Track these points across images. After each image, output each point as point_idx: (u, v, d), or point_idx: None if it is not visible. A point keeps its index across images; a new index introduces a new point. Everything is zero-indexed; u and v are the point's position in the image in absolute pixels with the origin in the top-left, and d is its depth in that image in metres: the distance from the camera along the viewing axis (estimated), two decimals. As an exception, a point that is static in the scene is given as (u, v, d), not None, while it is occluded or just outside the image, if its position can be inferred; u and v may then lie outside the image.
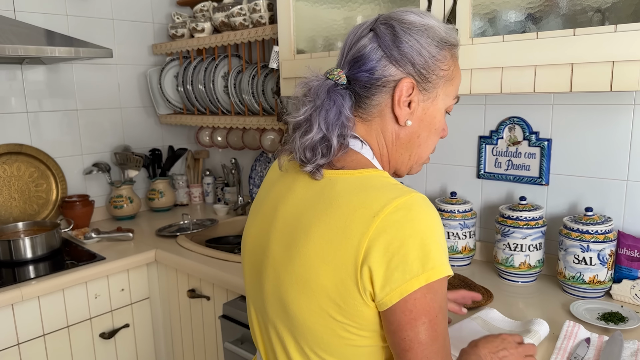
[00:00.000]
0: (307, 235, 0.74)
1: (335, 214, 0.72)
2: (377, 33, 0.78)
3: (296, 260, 0.75)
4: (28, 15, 2.00)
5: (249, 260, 0.88)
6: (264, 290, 0.82)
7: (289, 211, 0.80)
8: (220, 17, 2.02)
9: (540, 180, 1.49)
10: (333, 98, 0.77)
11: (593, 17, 1.09)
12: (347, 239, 0.70)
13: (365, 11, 1.50)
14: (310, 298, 0.73)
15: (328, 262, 0.71)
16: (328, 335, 0.74)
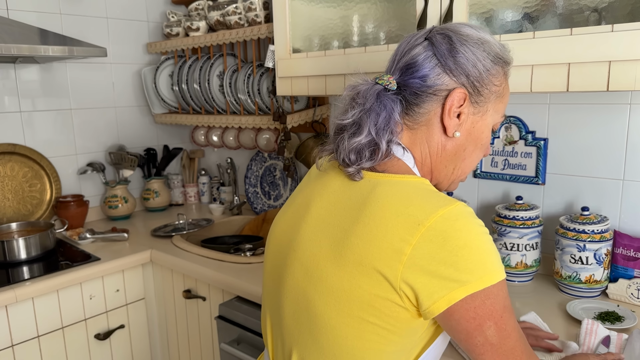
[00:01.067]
0: (344, 233, 0.73)
1: (376, 216, 0.71)
2: (432, 42, 0.79)
3: (330, 258, 0.73)
4: (21, 13, 1.98)
5: (272, 255, 0.86)
6: (284, 286, 0.80)
7: (325, 208, 0.78)
8: (216, 16, 2.01)
9: (537, 180, 1.49)
10: (384, 103, 0.77)
11: (590, 16, 1.09)
12: (388, 243, 0.69)
13: (362, 10, 1.49)
14: (340, 297, 0.71)
15: (365, 264, 0.70)
16: (353, 337, 0.72)
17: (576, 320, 1.19)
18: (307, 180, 0.89)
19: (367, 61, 1.41)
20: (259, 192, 2.28)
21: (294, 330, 0.79)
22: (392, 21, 1.45)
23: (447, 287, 0.67)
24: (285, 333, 0.81)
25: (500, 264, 0.70)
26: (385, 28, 1.48)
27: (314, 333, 0.76)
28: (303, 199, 0.84)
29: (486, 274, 0.67)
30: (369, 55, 1.41)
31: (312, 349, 0.77)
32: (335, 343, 0.74)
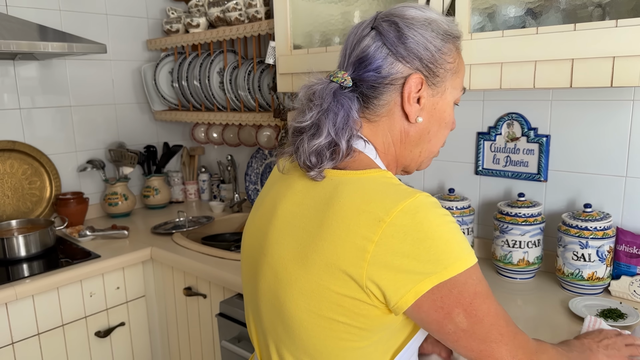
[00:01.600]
0: (310, 235, 0.73)
1: (338, 216, 0.70)
2: (379, 31, 0.77)
3: (297, 261, 0.73)
4: (20, 10, 1.97)
5: (246, 258, 0.87)
6: (259, 289, 0.80)
7: (289, 210, 0.78)
8: (216, 12, 2.00)
9: (539, 177, 1.48)
10: (341, 101, 0.75)
11: (593, 12, 1.08)
12: (351, 243, 0.68)
13: (363, 6, 1.48)
14: (310, 299, 0.71)
15: (331, 265, 0.69)
16: (325, 336, 0.72)
17: (579, 318, 1.19)
18: (271, 182, 0.88)
19: (368, 57, 1.41)
20: (259, 189, 2.28)
21: (272, 331, 0.80)
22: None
23: (412, 281, 0.66)
24: (267, 333, 0.82)
25: (468, 250, 0.69)
26: (386, 24, 1.47)
27: (289, 333, 0.76)
28: (269, 201, 0.83)
29: (451, 264, 0.66)
30: (371, 52, 1.40)
31: (291, 347, 0.77)
32: (309, 343, 0.74)
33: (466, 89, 0.89)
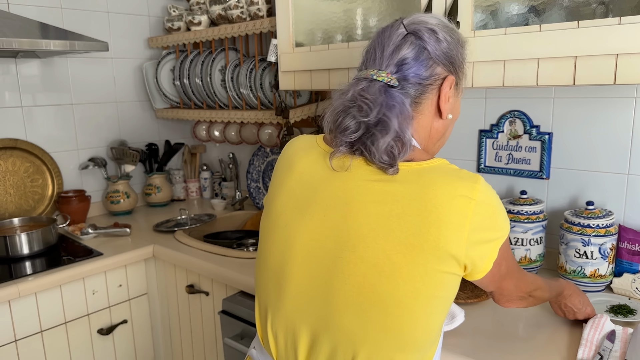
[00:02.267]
0: (411, 226, 0.76)
1: (435, 203, 0.76)
2: (419, 36, 0.84)
3: (401, 250, 0.76)
4: (22, 8, 1.97)
5: (310, 259, 0.83)
6: (340, 285, 0.79)
7: (375, 208, 0.78)
8: (217, 10, 1.99)
9: (541, 174, 1.48)
10: (395, 98, 0.81)
11: (597, 9, 1.08)
12: (453, 226, 0.75)
13: (366, 3, 1.48)
14: (415, 282, 0.76)
15: (439, 248, 0.75)
16: (421, 313, 0.78)
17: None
18: (317, 180, 0.85)
19: (371, 55, 1.40)
20: (261, 187, 2.28)
21: (355, 328, 0.79)
22: (396, 14, 1.44)
23: (492, 248, 0.80)
24: (339, 332, 0.80)
25: (506, 217, 0.84)
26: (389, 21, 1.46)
27: (385, 320, 0.77)
28: (334, 201, 0.82)
29: (506, 227, 0.82)
30: (373, 49, 1.40)
31: (383, 341, 0.78)
32: (408, 323, 0.78)
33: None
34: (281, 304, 0.86)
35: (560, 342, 1.08)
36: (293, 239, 0.84)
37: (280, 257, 0.86)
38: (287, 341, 0.86)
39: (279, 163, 0.95)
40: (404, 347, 0.79)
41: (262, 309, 0.91)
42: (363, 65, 0.89)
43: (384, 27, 0.89)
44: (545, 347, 1.06)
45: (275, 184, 0.92)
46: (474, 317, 1.21)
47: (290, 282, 0.84)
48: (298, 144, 0.94)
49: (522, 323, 1.18)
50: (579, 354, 1.02)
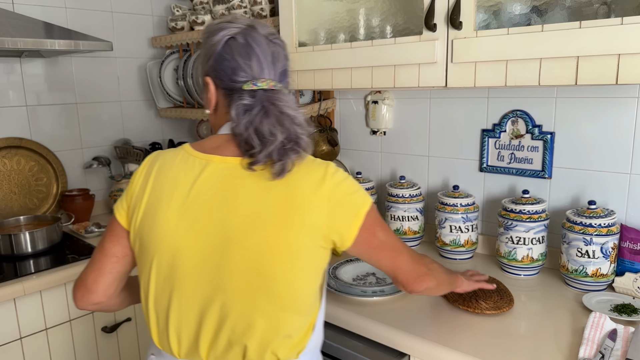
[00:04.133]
0: (278, 214, 0.87)
1: (301, 187, 0.88)
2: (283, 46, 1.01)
3: (276, 236, 0.86)
4: (26, 7, 1.98)
5: (197, 261, 0.89)
6: (229, 273, 0.88)
7: (246, 202, 0.88)
8: (221, 10, 2.00)
9: (543, 174, 1.49)
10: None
11: (599, 9, 1.09)
12: (315, 203, 0.87)
13: (369, 3, 1.49)
14: (293, 259, 0.88)
15: (306, 225, 0.87)
16: (302, 285, 0.91)
17: (582, 314, 1.20)
18: (191, 179, 0.90)
19: (373, 55, 1.41)
20: (264, 186, 2.29)
21: (248, 308, 0.89)
22: (399, 14, 1.45)
23: (353, 217, 0.90)
24: (235, 315, 0.89)
25: (363, 190, 0.95)
26: (391, 21, 1.47)
27: (271, 295, 0.89)
28: (213, 199, 0.89)
29: (367, 201, 0.92)
30: (376, 49, 1.40)
31: (269, 309, 0.89)
32: (290, 296, 0.90)
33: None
34: (180, 303, 0.91)
35: (562, 341, 1.09)
36: (182, 243, 0.89)
37: (171, 262, 0.90)
38: (190, 335, 0.93)
39: (154, 176, 0.93)
40: (291, 313, 0.91)
41: (160, 313, 0.94)
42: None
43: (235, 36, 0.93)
44: (547, 347, 1.07)
45: (153, 195, 0.92)
46: (477, 322, 1.22)
47: (186, 281, 0.90)
48: (165, 155, 0.96)
49: (524, 321, 1.19)
50: (580, 352, 1.02)
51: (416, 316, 1.22)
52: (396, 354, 1.17)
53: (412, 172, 1.82)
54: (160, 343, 0.97)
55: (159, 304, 0.94)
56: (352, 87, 1.49)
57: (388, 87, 1.40)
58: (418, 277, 1.00)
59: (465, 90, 1.62)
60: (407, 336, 1.14)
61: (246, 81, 0.90)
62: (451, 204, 1.55)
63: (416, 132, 1.78)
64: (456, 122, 1.67)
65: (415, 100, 1.77)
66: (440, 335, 1.12)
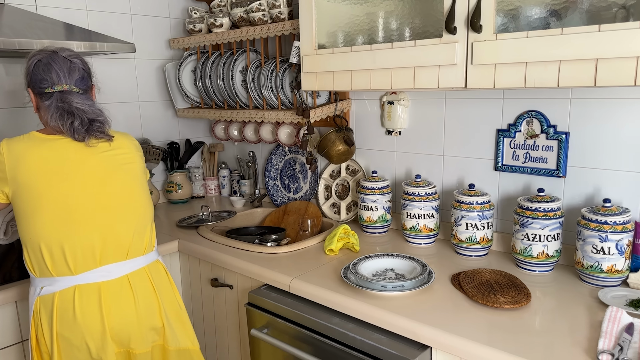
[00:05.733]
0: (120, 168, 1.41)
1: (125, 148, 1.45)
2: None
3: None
4: (49, 10, 2.03)
5: (87, 206, 1.35)
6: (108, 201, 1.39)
7: (101, 165, 1.39)
8: (239, 13, 2.05)
9: (558, 173, 1.53)
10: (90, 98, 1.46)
11: (617, 13, 1.12)
12: (132, 157, 1.46)
13: (388, 7, 1.53)
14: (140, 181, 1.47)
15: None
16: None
17: (598, 308, 1.23)
18: (60, 157, 1.35)
19: (393, 57, 1.45)
20: (279, 185, 2.33)
21: (123, 229, 1.42)
22: (418, 18, 1.49)
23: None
24: (114, 236, 1.39)
25: None
26: (410, 24, 1.51)
27: (136, 219, 1.46)
28: (82, 168, 1.37)
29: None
30: (396, 52, 1.45)
31: (127, 225, 1.43)
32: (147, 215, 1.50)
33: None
34: (78, 233, 1.33)
35: (579, 334, 1.12)
36: (73, 196, 1.34)
37: (65, 209, 1.32)
38: (85, 254, 1.34)
39: (25, 161, 1.32)
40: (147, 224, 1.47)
41: (55, 246, 1.31)
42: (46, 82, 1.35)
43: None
44: (564, 340, 1.10)
45: (34, 173, 1.32)
46: (496, 315, 1.25)
47: (81, 218, 1.35)
48: (25, 143, 1.34)
49: (539, 315, 1.22)
50: (599, 344, 1.06)
51: (436, 310, 1.26)
52: (418, 346, 1.21)
53: (427, 171, 1.86)
54: (53, 269, 1.32)
55: (52, 239, 1.31)
56: (372, 88, 1.53)
57: (408, 88, 1.45)
58: None
59: (481, 91, 1.66)
60: (429, 328, 1.18)
61: (47, 87, 1.34)
62: (467, 202, 1.59)
63: (431, 132, 1.82)
64: (471, 122, 1.71)
65: (430, 101, 1.81)
66: (460, 328, 1.16)
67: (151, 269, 1.46)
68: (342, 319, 1.35)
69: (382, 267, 1.53)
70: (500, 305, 1.25)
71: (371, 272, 1.50)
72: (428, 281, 1.40)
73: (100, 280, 1.35)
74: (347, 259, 1.63)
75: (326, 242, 1.72)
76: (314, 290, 1.42)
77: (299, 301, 1.46)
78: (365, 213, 1.88)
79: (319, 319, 1.36)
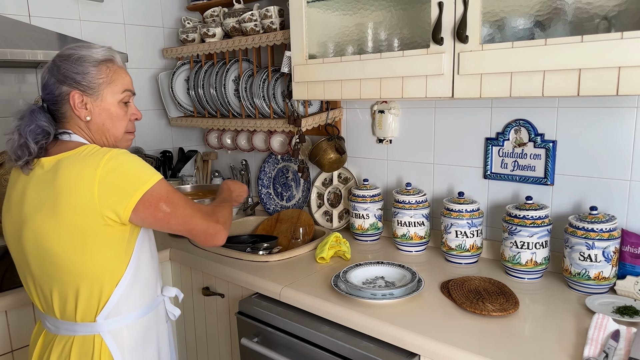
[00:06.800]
0: (51, 202, 1.07)
1: (65, 179, 1.07)
2: (49, 67, 1.17)
3: (50, 219, 1.08)
4: (42, 20, 2.05)
5: (9, 238, 1.19)
6: (26, 251, 1.14)
7: (30, 196, 1.12)
8: (232, 23, 2.06)
9: (546, 181, 1.54)
10: (33, 116, 1.14)
11: (600, 24, 1.15)
12: (82, 190, 1.06)
13: (377, 18, 1.55)
14: (68, 237, 1.08)
15: (75, 207, 1.06)
16: (81, 259, 1.10)
17: (585, 316, 1.24)
18: (11, 186, 1.21)
19: (382, 67, 1.47)
20: (272, 193, 2.34)
21: (45, 277, 1.14)
22: (406, 28, 1.51)
23: (128, 196, 1.07)
24: (41, 282, 1.16)
25: (154, 171, 1.11)
26: (398, 35, 1.53)
27: (57, 271, 1.11)
28: (17, 196, 1.17)
29: (146, 180, 1.09)
30: (384, 62, 1.46)
31: (60, 284, 1.13)
32: (70, 271, 1.11)
33: (131, 90, 1.23)
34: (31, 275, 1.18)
35: (566, 341, 1.13)
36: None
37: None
38: (60, 299, 1.17)
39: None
40: (74, 278, 1.12)
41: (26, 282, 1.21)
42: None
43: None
44: (552, 347, 1.11)
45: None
46: (484, 323, 1.26)
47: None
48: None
49: (528, 323, 1.23)
50: (585, 352, 1.07)
51: (424, 318, 1.27)
52: (407, 354, 1.21)
53: (418, 179, 1.87)
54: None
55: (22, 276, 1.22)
56: (361, 98, 1.55)
57: (396, 97, 1.46)
58: (215, 234, 1.19)
59: (470, 101, 1.68)
60: (417, 336, 1.18)
61: None
62: (457, 210, 1.60)
63: (422, 141, 1.84)
64: (461, 131, 1.72)
65: (420, 110, 1.82)
66: (448, 336, 1.17)
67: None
68: (332, 327, 1.35)
69: (372, 275, 1.53)
70: (488, 313, 1.26)
71: (361, 280, 1.50)
72: (417, 289, 1.40)
73: None
74: (338, 267, 1.64)
75: (317, 250, 1.72)
76: (304, 298, 1.43)
77: (289, 310, 1.46)
78: (356, 221, 1.89)
79: (308, 327, 1.37)
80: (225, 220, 1.24)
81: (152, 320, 1.26)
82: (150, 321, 1.25)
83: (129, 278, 1.17)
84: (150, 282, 1.25)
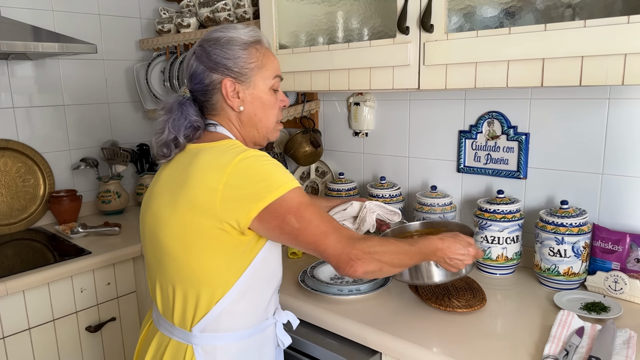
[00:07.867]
0: (178, 186, 0.99)
1: (196, 169, 0.97)
2: (196, 53, 1.06)
3: (169, 205, 0.99)
4: (14, 10, 2.00)
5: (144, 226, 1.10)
6: (145, 233, 1.08)
7: (164, 176, 1.05)
8: (206, 13, 2.02)
9: (519, 174, 1.51)
10: (181, 108, 1.05)
11: (564, 12, 1.11)
12: (206, 186, 0.95)
13: (345, 6, 1.51)
14: (179, 232, 0.98)
15: (195, 204, 0.95)
16: (190, 261, 0.99)
17: (555, 312, 1.21)
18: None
19: (350, 57, 1.43)
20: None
21: (154, 266, 1.07)
22: (375, 17, 1.47)
23: (252, 202, 0.93)
24: (151, 270, 1.09)
25: (289, 178, 0.96)
26: (369, 24, 1.49)
27: (162, 265, 1.03)
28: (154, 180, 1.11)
29: (275, 188, 0.94)
30: (352, 52, 1.42)
31: (162, 278, 1.05)
32: (177, 270, 1.01)
33: (280, 76, 1.11)
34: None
35: (529, 339, 1.10)
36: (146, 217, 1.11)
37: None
38: (162, 293, 1.08)
39: None
40: (188, 282, 1.01)
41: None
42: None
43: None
44: (515, 344, 1.08)
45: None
46: (449, 319, 1.24)
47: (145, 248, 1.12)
48: None
49: (499, 319, 1.20)
50: (545, 349, 1.04)
51: (390, 314, 1.24)
52: (368, 352, 1.18)
53: (393, 173, 1.84)
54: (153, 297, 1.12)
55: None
56: (330, 89, 1.51)
57: (364, 89, 1.42)
58: (349, 261, 0.94)
59: (443, 92, 1.64)
60: (378, 334, 1.15)
61: None
62: (429, 204, 1.57)
63: (397, 134, 1.80)
64: (435, 124, 1.69)
65: (395, 102, 1.79)
66: (411, 333, 1.14)
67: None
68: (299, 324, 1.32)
69: (341, 271, 1.50)
70: (453, 309, 1.23)
71: (329, 276, 1.47)
72: (384, 284, 1.38)
73: None
74: (308, 263, 1.61)
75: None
76: (269, 294, 1.40)
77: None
78: (331, 215, 1.86)
79: (272, 324, 1.34)
80: (374, 251, 0.96)
81: (253, 345, 1.07)
82: (251, 346, 1.07)
83: (234, 295, 1.00)
84: (260, 303, 1.07)
